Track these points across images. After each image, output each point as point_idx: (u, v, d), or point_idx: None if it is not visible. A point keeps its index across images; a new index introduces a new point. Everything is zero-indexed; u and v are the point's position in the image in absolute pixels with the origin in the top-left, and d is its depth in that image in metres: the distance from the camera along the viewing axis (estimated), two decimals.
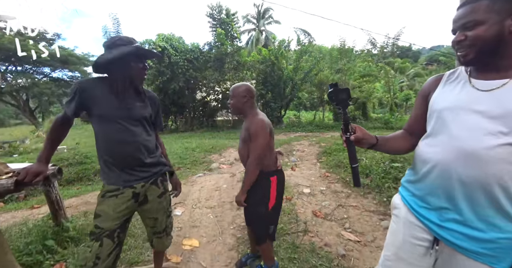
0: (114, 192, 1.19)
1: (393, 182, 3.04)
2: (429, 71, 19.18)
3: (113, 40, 1.17)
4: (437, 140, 0.80)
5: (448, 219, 0.77)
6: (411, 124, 0.99)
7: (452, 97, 0.79)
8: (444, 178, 0.75)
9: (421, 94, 0.94)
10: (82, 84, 1.14)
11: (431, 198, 0.81)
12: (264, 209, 1.46)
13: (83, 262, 1.11)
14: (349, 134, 0.90)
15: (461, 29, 0.74)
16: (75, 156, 5.00)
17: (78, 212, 2.69)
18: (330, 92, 0.94)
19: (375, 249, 2.03)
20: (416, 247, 0.86)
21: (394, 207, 0.99)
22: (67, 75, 17.51)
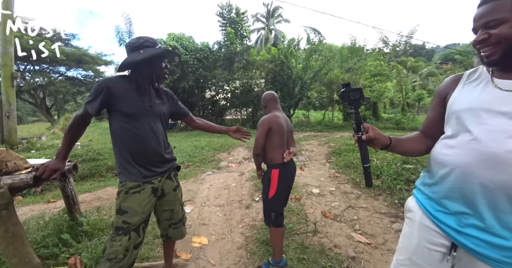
0: (136, 189, 1.24)
1: (405, 184, 2.97)
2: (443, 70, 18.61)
3: (140, 41, 1.22)
4: (456, 142, 0.76)
5: (468, 225, 0.73)
6: (427, 126, 0.95)
7: (473, 97, 0.76)
8: (464, 182, 0.72)
9: (437, 95, 0.91)
10: (107, 83, 1.17)
11: (449, 202, 0.78)
12: (265, 197, 1.68)
13: (112, 255, 1.16)
14: (361, 133, 0.88)
15: (483, 28, 0.71)
16: (88, 152, 5.14)
17: (91, 208, 2.77)
18: (342, 91, 0.93)
19: (386, 252, 1.98)
20: (432, 253, 0.83)
21: (408, 210, 0.95)
22: (81, 74, 18.09)
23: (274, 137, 1.65)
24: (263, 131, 1.64)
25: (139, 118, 1.21)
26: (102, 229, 2.16)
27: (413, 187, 3.11)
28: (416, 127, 10.80)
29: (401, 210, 2.60)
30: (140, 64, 1.20)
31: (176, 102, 1.50)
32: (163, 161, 1.34)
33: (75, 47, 16.49)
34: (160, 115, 1.32)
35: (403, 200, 2.70)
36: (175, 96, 1.52)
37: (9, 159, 1.26)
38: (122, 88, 1.19)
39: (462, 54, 16.93)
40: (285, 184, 1.67)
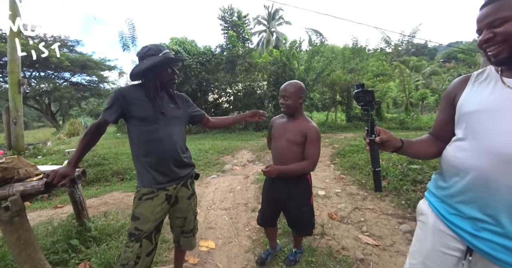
0: (149, 195, 1.25)
1: (412, 185, 2.94)
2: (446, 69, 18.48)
3: (144, 51, 1.26)
4: (469, 145, 0.74)
5: (484, 229, 0.71)
6: (437, 129, 0.94)
7: (483, 98, 0.75)
8: (479, 186, 0.70)
9: (446, 97, 0.89)
10: (122, 92, 1.25)
11: (464, 206, 0.76)
12: (309, 207, 1.59)
13: (125, 261, 1.18)
14: (373, 136, 0.87)
15: (488, 28, 0.71)
16: (94, 157, 5.19)
17: (98, 213, 2.79)
18: (357, 92, 0.91)
19: (395, 253, 1.96)
20: (447, 257, 0.81)
21: (420, 213, 0.94)
22: (85, 79, 18.32)
23: None
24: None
25: (153, 122, 1.25)
26: (110, 234, 2.17)
27: (419, 188, 3.07)
28: (420, 126, 10.71)
29: (408, 211, 2.57)
30: (145, 73, 1.24)
31: (191, 105, 1.52)
32: (179, 166, 1.35)
33: (80, 53, 16.74)
34: (175, 119, 1.34)
35: (410, 201, 2.67)
36: (190, 100, 1.53)
37: (21, 166, 1.29)
38: (135, 95, 1.25)
39: (465, 52, 16.82)
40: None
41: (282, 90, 1.47)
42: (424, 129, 10.14)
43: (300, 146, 1.44)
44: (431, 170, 3.10)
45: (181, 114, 1.40)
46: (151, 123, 1.25)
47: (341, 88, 11.88)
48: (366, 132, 0.90)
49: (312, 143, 1.42)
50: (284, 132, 1.51)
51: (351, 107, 12.43)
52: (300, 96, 1.45)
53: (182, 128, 1.40)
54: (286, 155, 1.49)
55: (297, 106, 1.47)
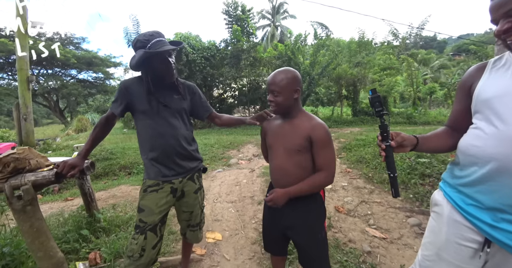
0: (154, 187, 1.25)
1: (420, 178, 2.90)
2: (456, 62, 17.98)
3: (133, 44, 1.21)
4: (488, 132, 0.71)
5: (504, 219, 0.69)
6: (453, 120, 0.92)
7: (503, 83, 0.71)
8: (501, 175, 0.67)
9: (461, 87, 0.86)
10: (125, 84, 1.24)
11: (483, 197, 0.73)
12: (324, 234, 1.14)
13: (130, 253, 1.19)
14: (389, 142, 0.85)
15: (504, 17, 0.67)
16: (102, 152, 5.27)
17: (107, 205, 2.84)
18: (374, 97, 0.89)
19: (402, 246, 1.95)
20: (463, 248, 0.78)
21: (434, 204, 0.91)
22: (91, 76, 18.52)
23: None
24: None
25: (154, 115, 1.23)
26: (119, 225, 2.22)
27: (428, 181, 3.01)
28: (428, 121, 10.51)
29: (416, 205, 2.54)
30: (136, 68, 1.20)
31: (197, 98, 1.42)
32: (185, 159, 1.32)
33: (85, 50, 16.91)
34: (179, 111, 1.31)
35: (418, 195, 2.63)
36: (199, 91, 1.44)
37: (31, 157, 1.31)
38: (137, 87, 1.24)
39: (477, 45, 16.29)
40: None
41: (269, 83, 1.07)
42: (432, 123, 9.95)
43: (304, 153, 1.07)
44: (440, 164, 3.05)
45: (187, 105, 1.36)
46: (153, 116, 1.23)
47: (347, 82, 11.70)
48: (380, 138, 0.87)
49: (323, 146, 1.04)
50: (280, 137, 1.12)
51: (357, 102, 12.26)
52: (296, 89, 1.06)
53: (187, 120, 1.36)
54: (287, 169, 1.10)
55: (291, 103, 1.08)
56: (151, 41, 1.17)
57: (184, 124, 1.33)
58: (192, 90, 1.42)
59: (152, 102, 1.22)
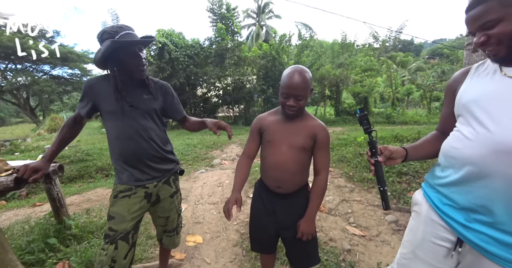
0: (126, 192, 1.17)
1: (397, 177, 3.01)
2: (431, 65, 18.99)
3: (99, 35, 1.10)
4: (467, 134, 0.73)
5: (476, 220, 0.71)
6: (442, 123, 0.94)
7: (482, 87, 0.74)
8: (476, 176, 0.69)
9: (448, 91, 0.89)
10: (89, 82, 1.16)
11: (458, 196, 0.75)
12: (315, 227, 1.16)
13: (99, 265, 1.09)
14: (377, 157, 0.88)
15: (480, 30, 0.70)
16: (76, 153, 4.99)
17: (80, 210, 2.68)
18: (362, 115, 0.93)
19: (380, 243, 2.00)
20: (437, 247, 0.80)
21: (414, 203, 0.93)
22: (67, 73, 17.52)
23: None
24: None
25: (122, 116, 1.14)
26: (92, 231, 2.09)
27: (404, 179, 3.12)
28: (405, 121, 11.00)
29: (394, 202, 2.63)
30: (102, 62, 1.10)
31: (170, 98, 1.32)
32: (159, 162, 1.25)
33: (60, 45, 15.92)
34: (149, 111, 1.21)
35: (395, 192, 2.73)
36: (172, 92, 1.33)
37: None
38: (103, 86, 1.15)
39: (449, 49, 17.32)
40: None
41: (293, 87, 1.01)
42: (409, 123, 10.42)
43: (307, 151, 1.11)
44: (416, 162, 3.18)
45: (159, 106, 1.26)
46: (120, 117, 1.14)
47: (330, 82, 11.96)
48: (369, 154, 0.90)
49: (325, 147, 1.11)
50: (284, 134, 1.12)
51: (340, 102, 12.58)
52: (311, 89, 1.10)
53: (159, 120, 1.28)
54: (288, 165, 1.11)
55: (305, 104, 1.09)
56: (120, 33, 1.08)
57: (155, 125, 1.25)
58: (165, 90, 1.31)
59: (119, 101, 1.13)
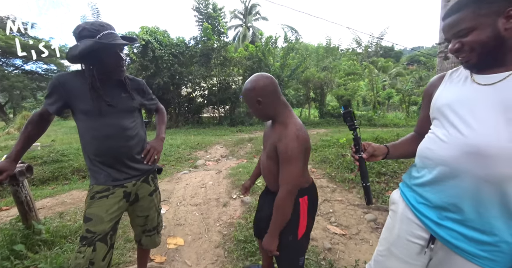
0: (104, 193, 1.12)
1: (376, 177, 3.12)
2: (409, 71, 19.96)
3: (78, 31, 1.04)
4: (440, 137, 0.77)
5: (447, 217, 0.75)
6: (420, 126, 0.97)
7: (454, 93, 0.78)
8: (447, 176, 0.73)
9: (425, 95, 0.93)
10: (61, 79, 1.07)
11: (431, 195, 0.78)
12: (292, 238, 1.11)
13: None
14: (361, 154, 0.91)
15: (455, 38, 0.74)
16: (50, 154, 4.71)
17: (53, 214, 2.52)
18: (346, 112, 0.95)
19: (360, 241, 2.06)
20: (411, 244, 0.84)
21: (392, 202, 0.96)
22: (41, 68, 16.50)
23: (307, 154, 1.05)
24: (304, 157, 1.00)
25: (100, 115, 1.09)
26: (65, 236, 1.98)
27: (383, 179, 3.23)
28: (386, 123, 11.47)
29: (373, 201, 2.73)
30: (80, 59, 1.05)
31: (147, 94, 1.35)
32: (138, 161, 1.22)
33: (34, 38, 14.97)
34: (128, 110, 1.19)
35: (374, 192, 2.83)
36: (146, 87, 1.35)
37: None
38: (78, 83, 1.08)
39: (426, 56, 18.33)
40: (313, 214, 1.18)
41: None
42: (389, 126, 10.87)
43: (274, 160, 1.05)
44: (393, 163, 3.32)
45: (136, 104, 1.24)
46: (98, 117, 1.09)
47: (315, 85, 12.22)
48: (353, 150, 0.93)
49: (283, 160, 0.98)
50: (265, 139, 1.15)
51: (324, 104, 12.87)
52: (257, 100, 1.03)
53: (138, 119, 1.25)
54: (264, 170, 1.13)
55: (265, 112, 1.06)
56: (102, 32, 1.05)
57: (135, 124, 1.21)
58: (141, 87, 1.31)
59: (97, 101, 1.08)
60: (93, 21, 1.09)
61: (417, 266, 0.84)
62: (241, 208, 2.57)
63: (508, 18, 0.65)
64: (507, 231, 0.66)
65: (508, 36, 0.67)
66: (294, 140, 0.96)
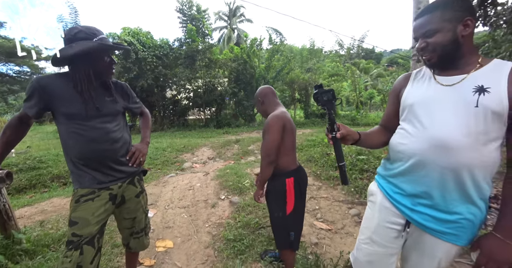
0: (89, 196, 1.11)
1: (359, 173, 3.26)
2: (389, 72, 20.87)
3: (73, 32, 1.06)
4: (410, 132, 0.86)
5: (420, 204, 0.84)
6: (386, 120, 1.04)
7: (421, 92, 0.87)
8: (419, 167, 0.82)
9: (393, 92, 1.01)
10: (42, 82, 1.04)
11: (405, 185, 0.88)
12: (281, 214, 1.37)
13: None
14: (334, 133, 0.92)
15: (422, 37, 0.83)
16: (26, 161, 4.49)
17: (33, 223, 2.42)
18: (315, 93, 0.96)
19: (345, 235, 2.16)
20: (389, 230, 0.93)
21: (370, 194, 1.05)
22: (13, 70, 15.55)
23: (288, 137, 1.37)
24: (278, 131, 1.32)
25: (84, 119, 1.09)
26: (48, 245, 1.92)
27: (366, 176, 3.39)
28: (368, 122, 11.91)
29: (356, 197, 2.85)
30: (73, 60, 1.05)
31: (131, 97, 1.35)
32: (123, 164, 1.22)
33: (4, 38, 14.09)
34: (112, 113, 1.19)
35: (358, 188, 2.96)
36: (130, 90, 1.36)
37: None
38: (60, 86, 1.06)
39: (404, 59, 19.24)
40: (302, 195, 1.43)
41: None
42: (372, 125, 11.29)
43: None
44: (375, 160, 3.48)
45: (120, 107, 1.24)
46: (83, 121, 1.08)
47: (300, 86, 12.46)
48: (327, 129, 0.94)
49: (263, 133, 1.37)
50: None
51: (309, 105, 13.15)
52: (259, 100, 1.53)
53: (122, 122, 1.26)
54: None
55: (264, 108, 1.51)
56: (98, 36, 1.08)
57: (119, 127, 1.21)
58: (123, 89, 1.31)
59: (85, 104, 1.08)
60: (87, 26, 1.11)
61: (394, 248, 0.94)
62: (230, 208, 2.60)
63: (465, 26, 0.76)
64: (466, 210, 0.78)
65: (463, 42, 0.77)
66: (273, 117, 1.35)
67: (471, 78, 0.77)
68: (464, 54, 0.79)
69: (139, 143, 1.36)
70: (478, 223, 0.79)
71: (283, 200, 1.36)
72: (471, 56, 0.80)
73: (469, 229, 0.79)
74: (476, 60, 0.79)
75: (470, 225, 0.79)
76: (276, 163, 1.37)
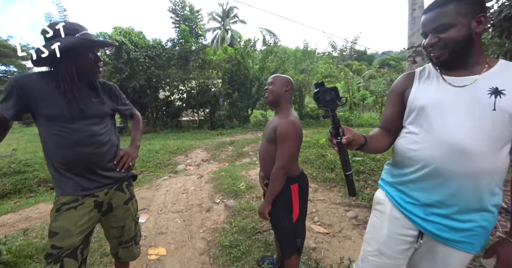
0: (71, 204, 1.03)
1: (356, 175, 3.24)
2: (381, 74, 21.21)
3: (53, 28, 0.98)
4: (422, 137, 0.79)
5: (433, 213, 0.79)
6: (387, 122, 0.96)
7: (430, 94, 0.80)
8: (434, 175, 0.76)
9: (394, 92, 0.92)
10: (20, 81, 0.97)
11: (419, 194, 0.81)
12: (288, 222, 1.31)
13: None
14: (340, 138, 0.78)
15: (433, 32, 0.76)
16: (11, 164, 4.30)
17: (16, 231, 2.29)
18: (316, 92, 0.85)
19: (343, 239, 2.12)
20: (400, 242, 0.87)
21: (377, 202, 0.98)
22: None
23: (299, 142, 1.28)
24: (299, 141, 1.26)
25: (67, 121, 1.01)
26: (31, 255, 1.81)
27: (362, 177, 3.36)
28: (361, 123, 12.03)
29: (353, 199, 2.82)
30: (55, 57, 0.96)
31: (120, 98, 1.29)
32: (110, 169, 1.14)
33: None
34: (100, 115, 1.11)
35: None
36: (119, 91, 1.29)
37: None
38: (41, 86, 0.99)
39: (395, 60, 19.60)
40: (305, 200, 1.39)
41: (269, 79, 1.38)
42: (365, 125, 11.41)
43: (272, 143, 1.27)
44: (371, 161, 3.47)
45: (108, 109, 1.16)
46: (66, 123, 1.00)
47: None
48: (331, 133, 0.81)
49: (280, 140, 1.21)
50: (266, 129, 1.35)
51: (303, 106, 13.19)
52: (286, 85, 1.31)
53: (110, 124, 1.18)
54: (262, 155, 1.36)
55: (279, 95, 1.30)
56: (81, 32, 1.01)
57: (107, 130, 1.14)
58: (111, 90, 1.24)
59: (68, 105, 1.00)
60: (69, 22, 1.04)
61: (403, 259, 0.89)
62: (225, 212, 2.53)
63: (478, 23, 0.71)
64: (481, 217, 0.74)
65: (476, 39, 0.73)
66: (291, 125, 1.21)
67: (483, 79, 0.72)
68: (474, 53, 0.75)
69: (128, 147, 1.28)
70: (490, 229, 0.76)
71: (290, 208, 1.31)
72: (479, 55, 0.75)
73: (482, 237, 0.76)
74: (484, 60, 0.75)
75: (484, 232, 0.76)
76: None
